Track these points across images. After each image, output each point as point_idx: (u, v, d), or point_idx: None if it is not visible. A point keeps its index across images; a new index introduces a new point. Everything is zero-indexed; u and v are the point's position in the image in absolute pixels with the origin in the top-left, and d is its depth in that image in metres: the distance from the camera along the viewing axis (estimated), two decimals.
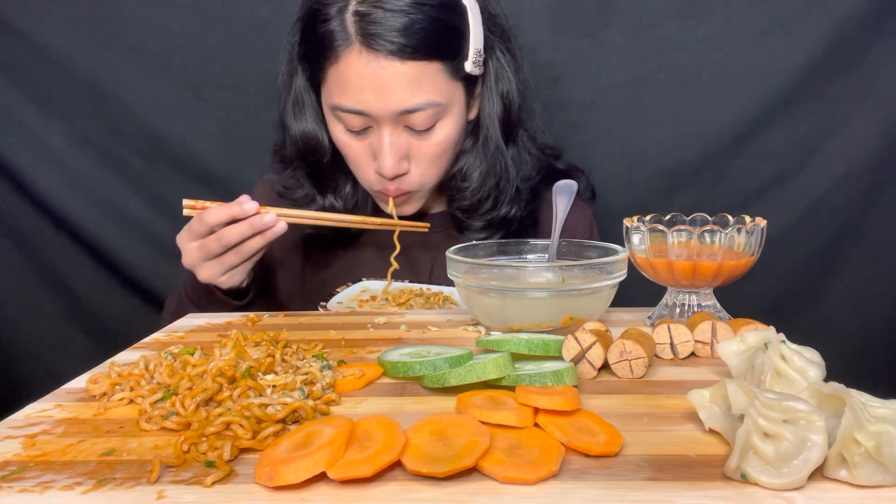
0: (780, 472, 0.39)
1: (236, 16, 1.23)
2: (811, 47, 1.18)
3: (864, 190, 1.24)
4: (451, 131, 0.92)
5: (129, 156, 1.29)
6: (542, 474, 0.40)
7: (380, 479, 0.41)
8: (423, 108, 0.87)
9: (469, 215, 1.00)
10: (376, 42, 0.83)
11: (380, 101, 0.85)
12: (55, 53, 1.24)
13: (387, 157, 0.89)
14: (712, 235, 0.69)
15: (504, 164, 0.98)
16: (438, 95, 0.88)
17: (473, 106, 0.98)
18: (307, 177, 1.00)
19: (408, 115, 0.87)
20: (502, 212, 1.00)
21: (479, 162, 0.97)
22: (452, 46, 0.89)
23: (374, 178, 0.94)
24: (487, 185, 0.98)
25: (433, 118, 0.89)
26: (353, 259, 1.06)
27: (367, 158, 0.92)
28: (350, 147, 0.93)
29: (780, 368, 0.49)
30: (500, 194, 0.99)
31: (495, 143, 0.97)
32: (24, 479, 0.42)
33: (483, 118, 0.97)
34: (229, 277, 0.87)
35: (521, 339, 0.61)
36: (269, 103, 1.21)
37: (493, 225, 1.01)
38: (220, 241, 0.83)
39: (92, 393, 0.57)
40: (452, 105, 0.91)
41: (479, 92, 0.97)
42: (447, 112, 0.90)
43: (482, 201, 0.99)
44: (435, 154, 0.92)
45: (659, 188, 1.27)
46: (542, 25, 1.21)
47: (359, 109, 0.87)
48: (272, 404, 0.50)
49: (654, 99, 1.23)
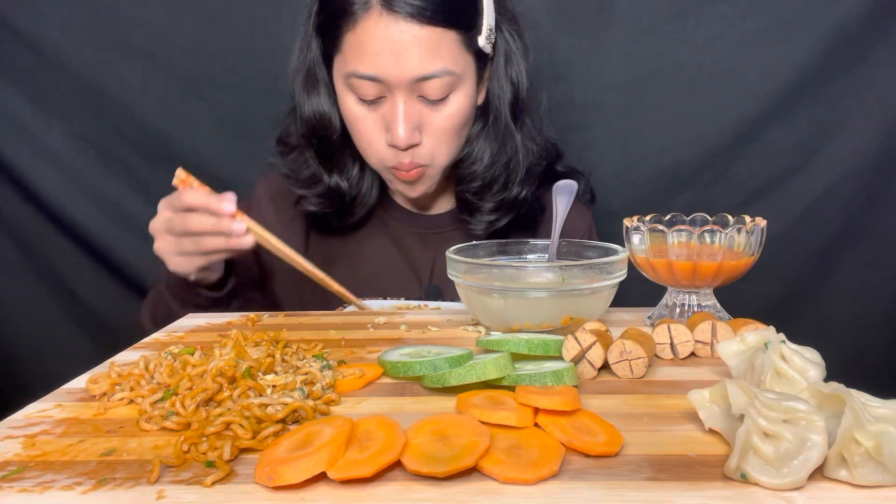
0: (780, 472, 0.39)
1: (236, 16, 1.23)
2: (811, 47, 1.18)
3: (864, 190, 1.24)
4: (462, 105, 0.92)
5: (129, 156, 1.29)
6: (542, 474, 0.40)
7: (380, 479, 0.41)
8: (438, 76, 0.87)
9: (480, 197, 1.00)
10: (396, 3, 0.84)
11: (397, 67, 0.86)
12: (55, 53, 1.24)
13: (400, 125, 0.88)
14: (712, 235, 0.69)
15: (514, 145, 0.98)
16: (453, 65, 0.88)
17: (482, 90, 0.99)
18: (315, 155, 0.99)
19: (423, 82, 0.87)
20: (513, 192, 1.00)
21: (490, 143, 0.98)
22: (468, 17, 0.90)
23: (387, 154, 0.93)
24: (498, 165, 0.98)
25: (447, 88, 0.89)
26: (355, 260, 1.06)
27: (380, 131, 0.92)
28: (362, 120, 0.92)
29: (780, 368, 0.49)
30: (511, 175, 0.99)
31: (505, 123, 0.98)
32: (24, 479, 0.42)
33: (492, 99, 0.98)
34: (179, 262, 0.85)
35: (521, 339, 0.60)
36: (270, 103, 1.21)
37: (504, 206, 1.00)
38: (184, 222, 0.82)
39: (92, 393, 0.57)
40: (465, 79, 0.91)
41: (487, 76, 0.98)
42: (460, 84, 0.91)
43: (493, 182, 0.98)
44: (446, 128, 0.92)
45: (659, 188, 1.27)
46: (542, 25, 1.21)
47: (375, 75, 0.87)
48: (272, 404, 0.50)
49: (654, 99, 1.23)
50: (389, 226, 1.06)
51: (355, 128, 0.94)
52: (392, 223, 1.06)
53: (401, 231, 1.06)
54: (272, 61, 1.23)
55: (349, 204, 1.01)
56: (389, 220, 1.06)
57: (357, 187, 1.01)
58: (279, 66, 1.22)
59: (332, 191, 0.99)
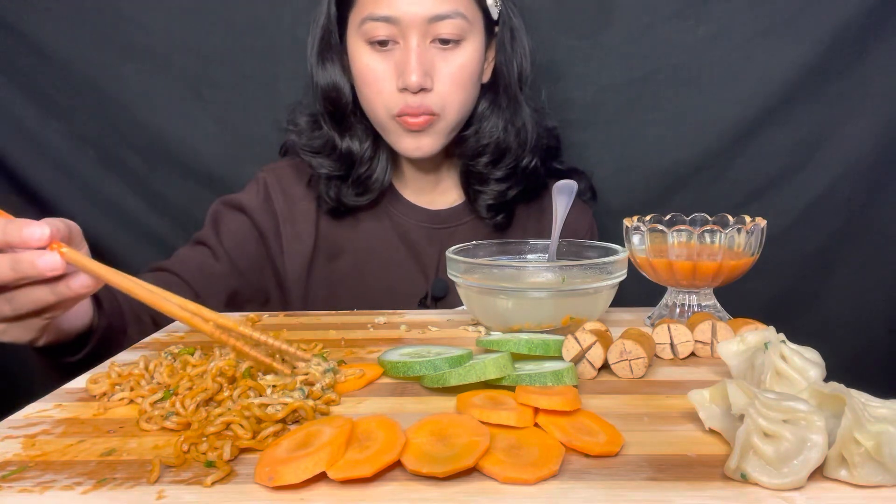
0: (780, 472, 0.39)
1: (236, 16, 1.23)
2: (811, 47, 1.18)
3: (863, 190, 1.23)
4: (472, 56, 0.94)
5: (129, 156, 1.29)
6: (542, 474, 0.41)
7: (380, 479, 0.41)
8: (451, 17, 0.90)
9: (493, 165, 1.01)
10: None
11: (412, 6, 0.89)
12: (55, 53, 1.23)
13: (413, 66, 0.90)
14: (712, 235, 0.69)
15: (523, 115, 1.01)
16: (465, 9, 0.91)
17: (489, 66, 1.01)
18: (329, 120, 1.01)
19: (436, 23, 0.90)
20: (523, 162, 1.01)
21: (501, 114, 1.00)
22: None
23: (395, 99, 0.93)
24: (510, 133, 1.00)
25: (460, 32, 0.91)
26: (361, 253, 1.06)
27: (390, 78, 0.93)
28: (373, 70, 0.93)
29: (780, 368, 0.49)
30: (522, 144, 1.01)
31: (514, 93, 1.00)
32: (24, 479, 0.42)
33: (500, 70, 1.00)
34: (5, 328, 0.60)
35: (521, 339, 0.61)
36: (270, 103, 1.21)
37: (515, 175, 1.02)
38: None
39: (92, 393, 0.57)
40: (475, 32, 0.94)
41: (494, 50, 1.00)
42: (470, 35, 0.93)
43: (506, 152, 1.00)
44: (457, 76, 0.93)
45: (659, 188, 1.27)
46: (542, 25, 1.21)
47: (389, 15, 0.89)
48: (272, 404, 0.50)
49: (654, 99, 1.23)
50: (396, 220, 1.06)
51: (365, 79, 0.95)
52: (399, 217, 1.06)
53: (408, 225, 1.06)
54: (272, 61, 1.22)
55: (363, 176, 1.01)
56: (396, 214, 1.06)
57: (369, 157, 1.01)
58: (279, 66, 1.22)
59: (345, 155, 1.00)
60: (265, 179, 1.06)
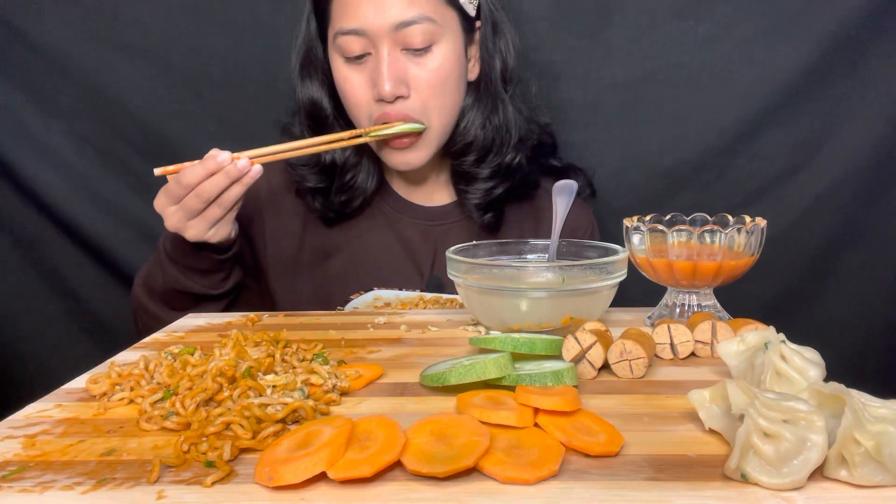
0: (780, 472, 0.39)
1: (236, 16, 1.23)
2: (811, 47, 1.18)
3: (863, 190, 1.23)
4: (447, 59, 0.93)
5: (129, 156, 1.29)
6: (542, 474, 0.41)
7: (380, 479, 0.41)
8: (417, 22, 0.90)
9: (477, 164, 1.01)
10: None
11: (377, 16, 0.89)
12: (55, 53, 1.23)
13: (385, 75, 0.90)
14: (712, 235, 0.69)
15: (505, 111, 1.01)
16: (432, 13, 0.91)
17: (474, 64, 1.01)
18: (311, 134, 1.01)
19: (403, 30, 0.89)
20: (507, 158, 1.01)
21: (482, 110, 1.00)
22: None
23: (374, 109, 0.94)
24: (489, 129, 1.00)
25: (429, 37, 0.91)
26: (356, 251, 1.06)
27: (367, 89, 0.93)
28: (350, 82, 0.94)
29: (780, 368, 0.49)
30: (504, 139, 1.01)
31: (495, 90, 1.00)
32: (24, 479, 0.42)
33: (482, 66, 1.00)
34: (216, 231, 0.88)
35: (521, 339, 0.60)
36: (270, 103, 1.21)
37: (500, 173, 1.02)
38: (200, 196, 0.84)
39: (92, 393, 0.57)
40: (447, 33, 0.93)
41: (477, 47, 1.00)
42: (442, 37, 0.93)
43: (489, 148, 1.00)
44: (432, 80, 0.93)
45: (659, 188, 1.27)
46: (542, 25, 1.21)
47: (357, 27, 0.90)
48: (272, 404, 0.50)
49: (654, 99, 1.23)
50: (390, 217, 1.06)
51: (345, 91, 0.96)
52: (393, 215, 1.06)
53: (402, 223, 1.06)
54: (272, 61, 1.22)
55: (347, 184, 1.02)
56: (390, 211, 1.06)
57: (353, 164, 1.02)
58: (279, 66, 1.22)
59: (328, 168, 1.02)
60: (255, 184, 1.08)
